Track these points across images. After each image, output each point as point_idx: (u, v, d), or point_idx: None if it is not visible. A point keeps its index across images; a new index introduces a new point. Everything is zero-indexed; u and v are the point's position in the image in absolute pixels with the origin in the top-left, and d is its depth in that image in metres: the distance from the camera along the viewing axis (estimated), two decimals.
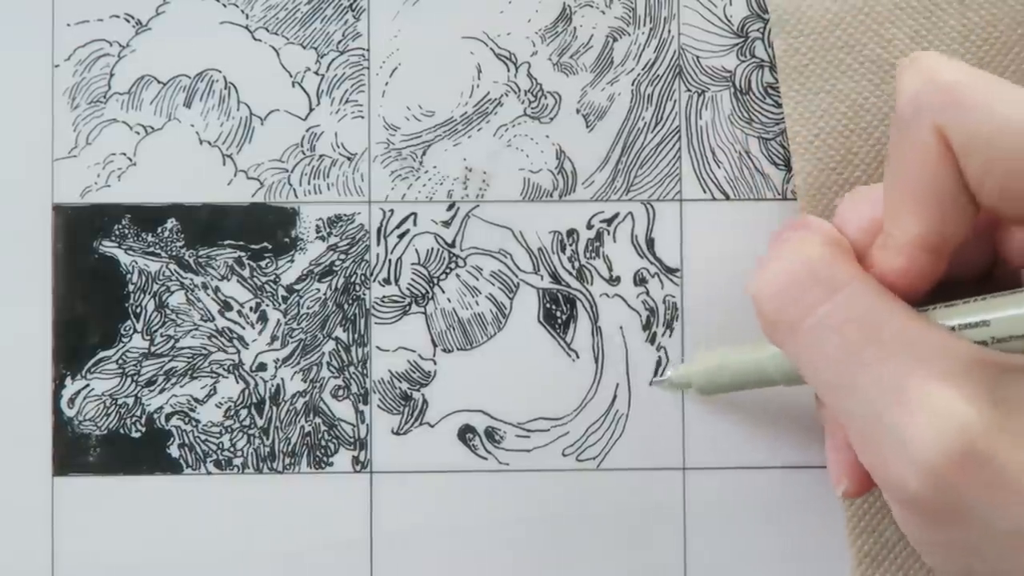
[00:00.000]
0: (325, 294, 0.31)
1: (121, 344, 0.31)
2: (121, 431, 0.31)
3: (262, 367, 0.31)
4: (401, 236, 0.31)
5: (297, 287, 0.31)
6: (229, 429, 0.31)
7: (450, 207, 0.31)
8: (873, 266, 0.23)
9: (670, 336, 0.31)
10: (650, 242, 0.31)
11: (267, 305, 0.31)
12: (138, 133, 0.31)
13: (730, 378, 0.28)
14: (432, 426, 0.31)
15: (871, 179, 0.30)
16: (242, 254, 0.31)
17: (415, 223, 0.31)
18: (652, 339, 0.31)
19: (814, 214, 0.29)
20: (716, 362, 0.28)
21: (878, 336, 0.21)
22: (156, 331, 0.31)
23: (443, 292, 0.31)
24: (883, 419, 0.21)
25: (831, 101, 0.30)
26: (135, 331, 0.31)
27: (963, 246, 0.23)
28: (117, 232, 0.31)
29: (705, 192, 0.31)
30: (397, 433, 0.31)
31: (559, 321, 0.31)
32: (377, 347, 0.31)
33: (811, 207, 0.30)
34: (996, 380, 0.20)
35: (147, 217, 0.31)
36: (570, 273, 0.31)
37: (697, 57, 0.31)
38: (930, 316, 0.22)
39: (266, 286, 0.31)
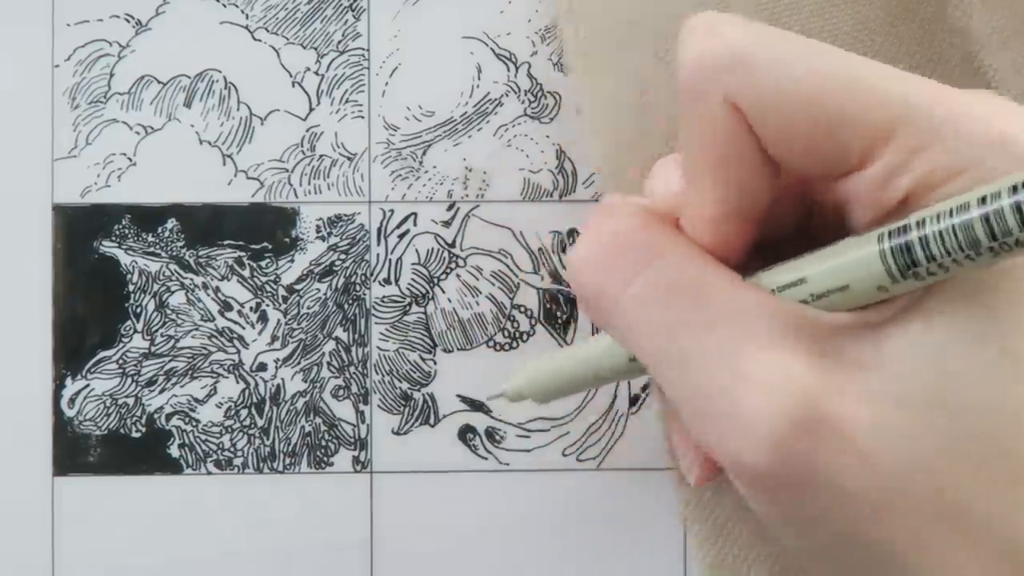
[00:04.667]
0: (325, 294, 0.31)
1: (121, 344, 0.31)
2: (121, 431, 0.31)
3: (262, 367, 0.31)
4: (401, 236, 0.31)
5: (297, 287, 0.31)
6: (229, 429, 0.31)
7: (450, 207, 0.31)
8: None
9: None
10: None
11: (267, 305, 0.31)
12: (138, 133, 0.31)
13: (561, 383, 0.27)
14: (432, 426, 0.31)
15: (672, 152, 0.29)
16: (242, 254, 0.31)
17: (415, 223, 0.31)
18: None
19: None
20: (545, 369, 0.27)
21: (704, 303, 0.20)
22: (156, 331, 0.31)
23: (443, 292, 0.31)
24: (717, 391, 0.20)
25: (620, 80, 0.29)
26: (135, 331, 0.31)
27: (775, 207, 0.22)
28: (117, 232, 0.31)
29: None
30: (397, 433, 0.31)
31: (559, 321, 0.31)
32: (377, 347, 0.31)
33: (614, 189, 0.29)
34: (823, 340, 0.20)
35: (147, 217, 0.31)
36: None
37: None
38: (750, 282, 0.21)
39: (266, 286, 0.31)
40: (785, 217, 0.23)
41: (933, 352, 0.19)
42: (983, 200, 0.18)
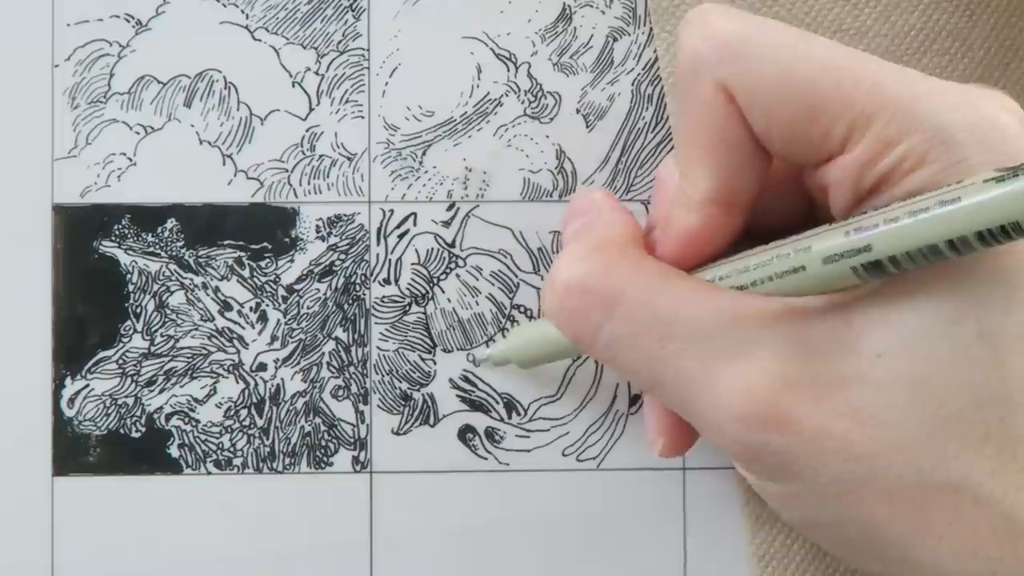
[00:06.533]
0: (325, 294, 0.31)
1: (121, 344, 0.31)
2: (121, 431, 0.31)
3: (262, 367, 0.31)
4: (401, 236, 0.31)
5: (297, 287, 0.31)
6: (229, 429, 0.31)
7: (450, 207, 0.31)
8: (671, 225, 0.23)
9: None
10: None
11: (267, 305, 0.31)
12: (138, 133, 0.31)
13: (546, 350, 0.28)
14: (432, 426, 0.31)
15: None
16: (242, 254, 0.31)
17: (415, 223, 0.31)
18: None
19: None
20: (532, 335, 0.28)
21: (667, 336, 0.22)
22: (156, 331, 0.31)
23: (443, 292, 0.31)
24: (695, 404, 0.22)
25: None
26: (135, 331, 0.31)
27: (771, 195, 0.23)
28: (117, 232, 0.31)
29: None
30: (397, 433, 0.31)
31: None
32: (377, 347, 0.31)
33: None
34: (787, 332, 0.21)
35: (147, 217, 0.31)
36: None
37: None
38: (717, 273, 0.23)
39: (266, 286, 0.31)
40: (787, 207, 0.24)
41: (910, 335, 0.20)
42: (951, 243, 0.19)
